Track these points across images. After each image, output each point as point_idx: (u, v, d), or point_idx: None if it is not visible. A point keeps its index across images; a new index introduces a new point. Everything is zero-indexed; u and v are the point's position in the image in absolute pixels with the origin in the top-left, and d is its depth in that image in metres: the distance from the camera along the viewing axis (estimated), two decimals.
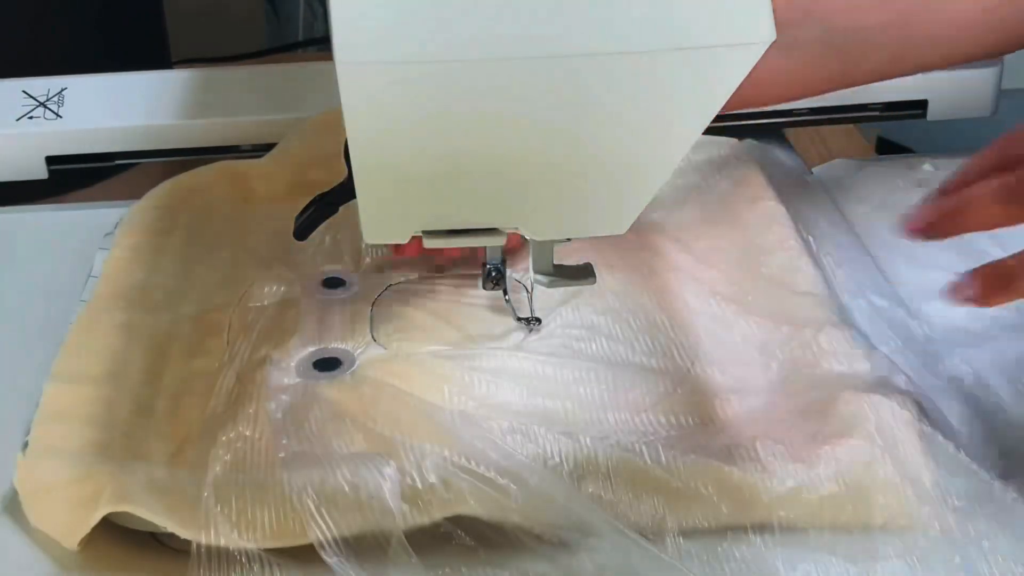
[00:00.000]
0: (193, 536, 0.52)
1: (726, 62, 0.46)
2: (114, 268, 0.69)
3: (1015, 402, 0.60)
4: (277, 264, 0.69)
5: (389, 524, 0.52)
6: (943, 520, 0.53)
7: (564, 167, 0.52)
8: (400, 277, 0.69)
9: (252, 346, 0.63)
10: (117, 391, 0.60)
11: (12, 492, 0.55)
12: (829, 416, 0.57)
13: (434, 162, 0.51)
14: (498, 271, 0.62)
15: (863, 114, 0.85)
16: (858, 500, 0.54)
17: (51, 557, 0.54)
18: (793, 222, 0.71)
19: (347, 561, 0.51)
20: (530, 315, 0.64)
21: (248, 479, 0.54)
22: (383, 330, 0.65)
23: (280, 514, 0.52)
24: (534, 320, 0.64)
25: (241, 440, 0.57)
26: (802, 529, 0.53)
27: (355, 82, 0.45)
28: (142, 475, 0.54)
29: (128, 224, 0.73)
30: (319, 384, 0.60)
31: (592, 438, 0.56)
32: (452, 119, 0.48)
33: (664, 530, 0.53)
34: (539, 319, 0.64)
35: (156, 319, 0.65)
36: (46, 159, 0.81)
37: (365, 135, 0.49)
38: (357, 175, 0.52)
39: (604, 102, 0.48)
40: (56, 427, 0.58)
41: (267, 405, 0.58)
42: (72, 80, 0.83)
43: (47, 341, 0.65)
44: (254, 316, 0.66)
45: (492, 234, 0.57)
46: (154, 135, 0.82)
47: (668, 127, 0.50)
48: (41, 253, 0.74)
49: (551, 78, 0.46)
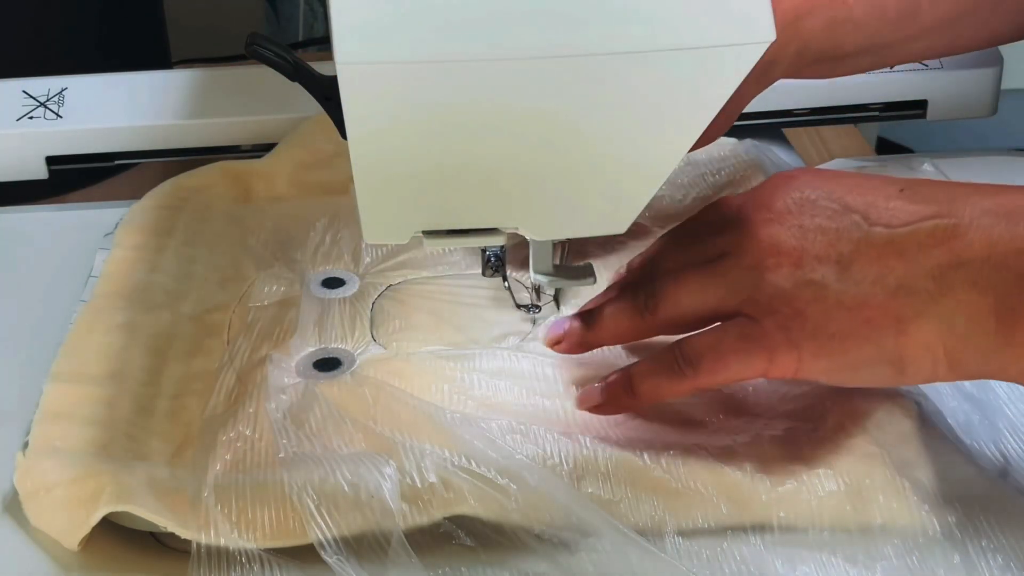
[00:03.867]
0: (193, 536, 0.52)
1: (726, 62, 0.46)
2: (114, 268, 0.69)
3: (1015, 402, 0.59)
4: (277, 264, 0.69)
5: (389, 524, 0.52)
6: (943, 520, 0.53)
7: (564, 167, 0.52)
8: (400, 277, 0.69)
9: (252, 346, 0.63)
10: (117, 391, 0.60)
11: (12, 492, 0.55)
12: (828, 416, 0.57)
13: (434, 162, 0.51)
14: (497, 258, 0.62)
15: (863, 114, 0.85)
16: (858, 500, 0.54)
17: (51, 557, 0.54)
18: None
19: (347, 561, 0.51)
20: (530, 302, 0.65)
21: (248, 479, 0.54)
22: (383, 330, 0.65)
23: (280, 514, 0.52)
24: (534, 307, 0.65)
25: (241, 440, 0.57)
26: (802, 529, 0.53)
27: (355, 82, 0.45)
28: (142, 475, 0.54)
29: (128, 224, 0.73)
30: (319, 384, 0.59)
31: (591, 438, 0.56)
32: (452, 119, 0.48)
33: (663, 530, 0.53)
34: (539, 305, 0.65)
35: (156, 319, 0.65)
36: (46, 159, 0.81)
37: (365, 135, 0.49)
38: (357, 175, 0.52)
39: (604, 102, 0.48)
40: (56, 427, 0.58)
41: (267, 405, 0.58)
42: (72, 80, 0.83)
43: (47, 341, 0.65)
44: (254, 316, 0.66)
45: (492, 234, 0.57)
46: (154, 135, 0.82)
47: (668, 127, 0.50)
48: (41, 253, 0.74)
49: (551, 78, 0.46)
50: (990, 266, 0.49)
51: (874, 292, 0.51)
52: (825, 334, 0.51)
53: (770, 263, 0.52)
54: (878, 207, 0.52)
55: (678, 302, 0.55)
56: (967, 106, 0.84)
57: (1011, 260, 0.49)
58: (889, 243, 0.51)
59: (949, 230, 0.50)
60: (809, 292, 0.51)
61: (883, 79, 0.82)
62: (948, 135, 0.95)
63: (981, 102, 0.84)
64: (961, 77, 0.83)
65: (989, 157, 0.83)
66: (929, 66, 0.83)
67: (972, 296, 0.49)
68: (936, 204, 0.51)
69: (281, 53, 0.54)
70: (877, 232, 0.51)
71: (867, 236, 0.51)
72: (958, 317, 0.50)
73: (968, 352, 0.50)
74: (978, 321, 0.50)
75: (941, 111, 0.84)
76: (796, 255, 0.52)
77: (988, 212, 0.50)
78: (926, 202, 0.51)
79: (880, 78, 0.82)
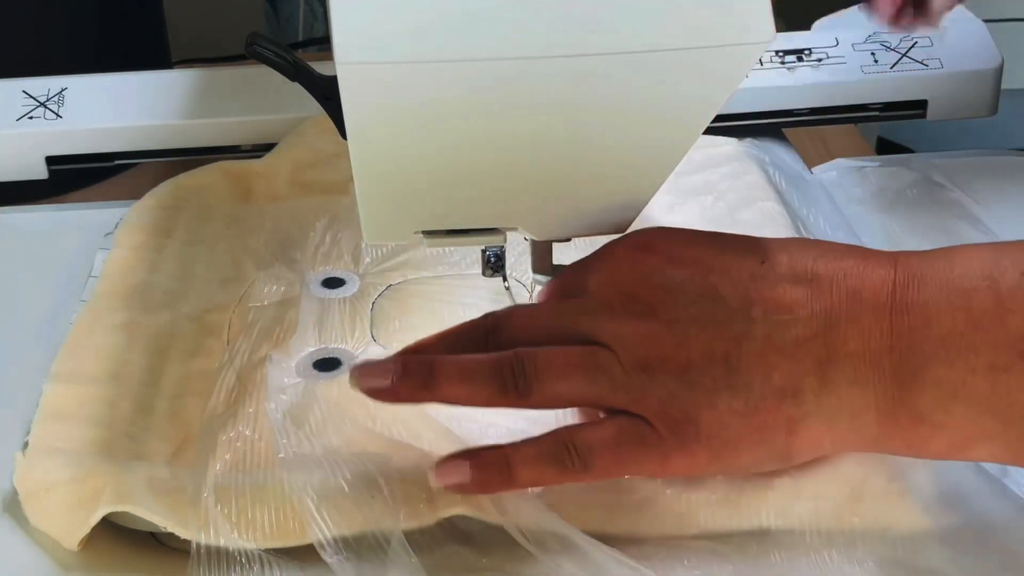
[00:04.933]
0: (193, 536, 0.52)
1: (726, 62, 0.46)
2: (114, 268, 0.69)
3: None
4: (277, 264, 0.69)
5: (389, 524, 0.52)
6: (943, 520, 0.53)
7: (564, 167, 0.52)
8: (400, 277, 0.69)
9: (252, 346, 0.63)
10: (117, 391, 0.60)
11: (12, 492, 0.55)
12: None
13: (434, 162, 0.51)
14: (498, 257, 0.62)
15: (863, 114, 0.85)
16: (857, 500, 0.54)
17: (51, 557, 0.54)
18: (793, 222, 0.71)
19: (347, 561, 0.51)
20: (530, 302, 0.65)
21: (248, 479, 0.54)
22: (383, 330, 0.65)
23: (280, 514, 0.52)
24: None
25: (241, 440, 0.57)
26: (800, 532, 0.53)
27: (355, 82, 0.45)
28: (142, 475, 0.54)
29: (128, 224, 0.73)
30: (319, 384, 0.59)
31: None
32: (452, 119, 0.48)
33: (660, 535, 0.53)
34: None
35: (156, 319, 0.66)
36: (46, 159, 0.81)
37: (365, 135, 0.49)
38: (357, 175, 0.52)
39: (604, 102, 0.48)
40: (56, 427, 0.58)
41: (267, 405, 0.58)
42: (72, 80, 0.83)
43: (47, 341, 0.65)
44: (254, 316, 0.66)
45: (492, 234, 0.57)
46: (154, 135, 0.82)
47: (668, 127, 0.50)
48: (41, 253, 0.74)
49: (551, 78, 0.46)
50: (867, 363, 0.50)
51: (763, 396, 0.50)
52: (719, 440, 0.51)
53: (655, 364, 0.50)
54: (747, 291, 0.51)
55: (555, 392, 0.51)
56: (967, 106, 0.84)
57: (884, 359, 0.49)
58: (767, 339, 0.50)
59: (823, 321, 0.50)
60: (700, 397, 0.50)
61: (883, 79, 0.82)
62: (948, 135, 0.95)
63: (981, 102, 0.84)
64: (961, 77, 0.83)
65: (989, 157, 0.83)
66: (929, 66, 0.83)
67: (853, 391, 0.50)
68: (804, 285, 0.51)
69: (281, 53, 0.54)
70: (755, 328, 0.50)
71: (746, 332, 0.50)
72: (842, 412, 0.50)
73: (853, 442, 0.51)
74: (860, 415, 0.50)
75: (941, 111, 0.84)
76: (681, 358, 0.50)
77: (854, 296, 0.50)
78: (793, 282, 0.51)
79: (880, 78, 0.82)
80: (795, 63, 0.83)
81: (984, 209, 0.76)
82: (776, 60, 0.83)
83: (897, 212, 0.76)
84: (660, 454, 0.51)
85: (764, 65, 0.82)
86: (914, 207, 0.77)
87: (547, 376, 0.51)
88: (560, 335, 0.53)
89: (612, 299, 0.52)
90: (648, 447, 0.51)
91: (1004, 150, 0.85)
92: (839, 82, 0.83)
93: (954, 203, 0.76)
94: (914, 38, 0.84)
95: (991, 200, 0.77)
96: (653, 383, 0.51)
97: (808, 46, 0.84)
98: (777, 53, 0.83)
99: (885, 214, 0.76)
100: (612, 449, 0.51)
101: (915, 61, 0.83)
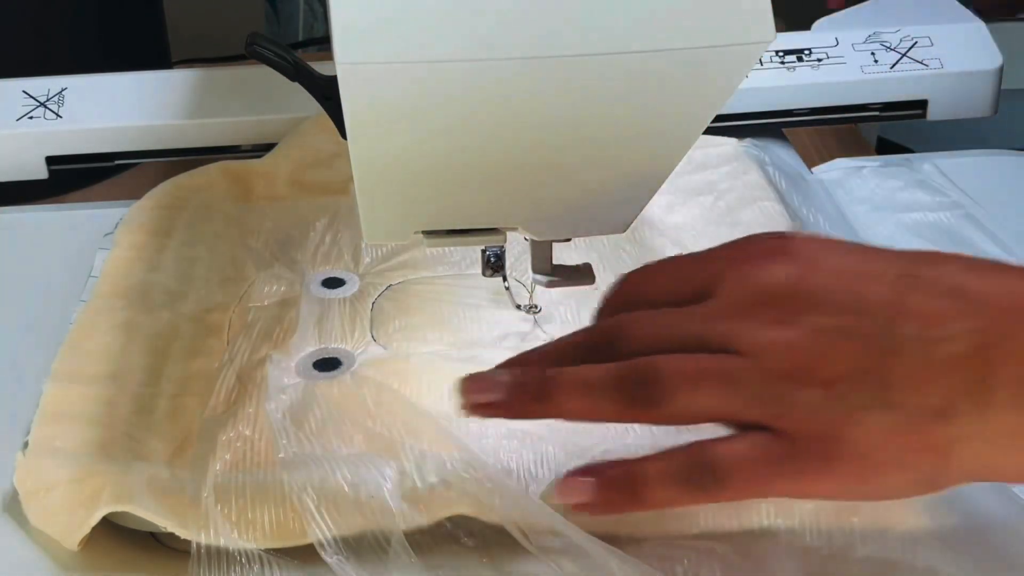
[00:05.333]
0: (193, 536, 0.52)
1: (726, 62, 0.46)
2: (114, 268, 0.69)
3: None
4: (277, 264, 0.69)
5: (389, 524, 0.52)
6: (943, 520, 0.53)
7: (564, 167, 0.52)
8: (400, 277, 0.69)
9: (252, 346, 0.63)
10: (117, 391, 0.60)
11: (12, 492, 0.55)
12: None
13: (434, 162, 0.51)
14: (498, 257, 0.62)
15: (863, 114, 0.85)
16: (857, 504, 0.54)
17: (51, 557, 0.54)
18: (793, 222, 0.71)
19: (347, 561, 0.51)
20: (530, 303, 0.65)
21: (248, 479, 0.54)
22: (383, 330, 0.65)
23: (280, 514, 0.52)
24: (534, 307, 0.65)
25: (241, 440, 0.57)
26: (800, 533, 0.53)
27: (355, 82, 0.45)
28: (142, 475, 0.54)
29: (128, 224, 0.73)
30: (319, 384, 0.59)
31: (590, 438, 0.56)
32: (452, 119, 0.48)
33: (662, 535, 0.53)
34: (539, 306, 0.65)
35: (156, 319, 0.66)
36: (46, 159, 0.81)
37: (365, 135, 0.49)
38: (357, 175, 0.52)
39: (604, 102, 0.48)
40: (56, 427, 0.58)
41: (267, 405, 0.58)
42: (72, 80, 0.83)
43: (47, 341, 0.65)
44: (254, 316, 0.66)
45: (492, 234, 0.57)
46: (154, 135, 0.82)
47: (668, 127, 0.50)
48: (41, 253, 0.74)
49: (551, 78, 0.46)
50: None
51: (916, 415, 0.46)
52: (865, 461, 0.46)
53: (797, 376, 0.46)
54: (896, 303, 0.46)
55: (686, 404, 0.47)
56: (967, 106, 0.84)
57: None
58: (920, 355, 0.46)
59: (978, 339, 0.45)
60: (847, 414, 0.46)
61: (883, 79, 0.82)
62: (948, 135, 0.95)
63: (981, 102, 0.84)
64: (961, 77, 0.83)
65: (989, 157, 0.83)
66: (929, 66, 0.83)
67: (1011, 416, 0.45)
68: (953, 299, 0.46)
69: (281, 53, 0.54)
70: (907, 343, 0.46)
71: (898, 346, 0.46)
72: (1000, 437, 0.46)
73: (1010, 470, 0.47)
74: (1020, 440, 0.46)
75: (941, 111, 0.84)
76: (826, 370, 0.46)
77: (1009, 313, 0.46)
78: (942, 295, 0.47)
79: (880, 78, 0.82)
80: (795, 63, 0.83)
81: (984, 209, 0.76)
82: (776, 60, 0.83)
83: (897, 212, 0.76)
84: (799, 473, 0.47)
85: (764, 65, 0.82)
86: (914, 207, 0.77)
87: (677, 387, 0.47)
88: (689, 342, 0.48)
89: (747, 304, 0.48)
90: (787, 465, 0.47)
91: (1004, 150, 0.85)
92: (839, 82, 0.83)
93: (954, 203, 0.76)
94: (914, 38, 0.84)
95: (991, 200, 0.77)
96: (795, 396, 0.46)
97: (808, 46, 0.84)
98: (777, 53, 0.83)
99: (885, 214, 0.76)
100: (750, 467, 0.47)
101: (915, 61, 0.83)
